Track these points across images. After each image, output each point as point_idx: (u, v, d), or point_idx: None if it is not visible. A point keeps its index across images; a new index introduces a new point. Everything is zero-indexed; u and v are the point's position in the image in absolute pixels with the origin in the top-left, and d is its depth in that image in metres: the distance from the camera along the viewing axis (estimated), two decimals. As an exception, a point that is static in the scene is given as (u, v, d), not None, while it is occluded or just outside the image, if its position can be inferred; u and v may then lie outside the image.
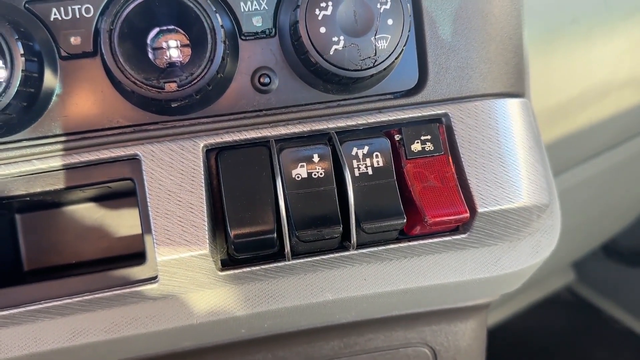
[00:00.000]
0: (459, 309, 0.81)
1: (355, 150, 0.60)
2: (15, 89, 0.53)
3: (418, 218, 0.60)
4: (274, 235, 0.58)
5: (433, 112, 0.63)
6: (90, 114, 0.59)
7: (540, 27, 1.09)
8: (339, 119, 0.62)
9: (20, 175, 0.59)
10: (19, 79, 0.53)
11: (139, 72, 0.55)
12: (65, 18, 0.58)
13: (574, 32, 1.12)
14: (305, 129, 0.61)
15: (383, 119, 0.63)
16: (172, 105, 0.58)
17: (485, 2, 0.64)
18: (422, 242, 0.63)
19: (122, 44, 0.55)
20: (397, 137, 0.62)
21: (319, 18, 0.56)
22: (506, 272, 0.67)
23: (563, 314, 2.41)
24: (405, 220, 0.59)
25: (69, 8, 0.58)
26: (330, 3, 0.56)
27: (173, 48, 0.57)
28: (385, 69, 0.58)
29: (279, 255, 0.62)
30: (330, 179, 0.59)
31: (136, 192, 0.60)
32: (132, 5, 0.55)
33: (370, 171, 0.60)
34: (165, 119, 0.60)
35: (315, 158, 0.59)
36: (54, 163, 0.59)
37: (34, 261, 0.70)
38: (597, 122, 1.31)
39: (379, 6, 0.57)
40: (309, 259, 0.62)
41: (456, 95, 0.64)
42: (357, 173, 0.60)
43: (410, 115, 0.63)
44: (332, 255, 0.62)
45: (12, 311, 0.59)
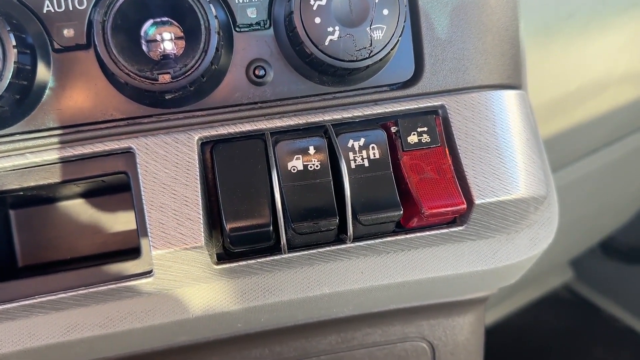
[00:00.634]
0: (457, 302, 0.80)
1: (351, 142, 0.60)
2: (8, 81, 0.53)
3: (415, 210, 0.60)
4: (270, 228, 0.58)
5: (429, 104, 0.63)
6: (84, 107, 0.59)
7: (536, 23, 1.09)
8: (334, 111, 0.62)
9: (13, 169, 0.59)
10: (12, 71, 0.53)
11: (133, 63, 0.55)
12: (58, 10, 0.57)
13: (570, 27, 1.12)
14: (300, 122, 0.61)
15: (379, 111, 0.62)
16: (166, 98, 0.57)
17: (481, -7, 0.64)
18: (419, 234, 0.63)
19: (116, 36, 0.55)
20: (393, 129, 0.62)
21: (314, 8, 0.56)
22: (504, 264, 0.67)
23: (561, 312, 2.41)
24: (401, 212, 0.59)
25: (62, 0, 0.57)
26: (325, -7, 0.56)
27: (167, 40, 0.57)
28: (381, 60, 0.58)
29: (275, 249, 0.61)
30: (326, 170, 0.58)
31: (130, 185, 0.59)
32: (126, -4, 0.54)
33: (366, 163, 0.60)
34: (159, 112, 0.60)
35: (311, 150, 0.59)
36: (47, 157, 0.58)
37: (28, 257, 0.70)
38: (594, 118, 1.31)
39: (374, -4, 0.57)
40: (306, 252, 0.61)
41: (452, 86, 0.63)
42: (353, 165, 0.60)
43: (407, 107, 0.62)
44: (328, 248, 0.62)
45: (5, 306, 0.59)
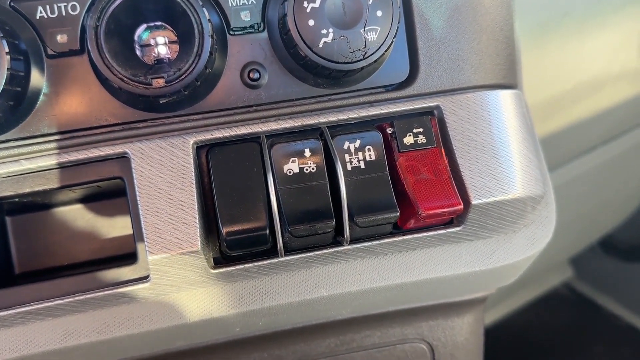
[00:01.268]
0: (456, 303, 0.80)
1: (347, 144, 0.60)
2: (1, 88, 0.53)
3: (412, 211, 0.59)
4: (267, 231, 0.57)
5: (425, 105, 0.63)
6: (79, 112, 0.58)
7: (532, 22, 1.09)
8: (330, 113, 0.62)
9: (8, 176, 0.59)
10: (5, 78, 0.53)
11: (126, 68, 0.55)
12: (51, 16, 0.57)
13: (566, 25, 1.12)
14: (296, 124, 0.61)
15: (375, 113, 0.62)
16: (161, 102, 0.57)
17: (476, -7, 0.64)
18: (416, 235, 0.63)
19: (109, 41, 0.55)
20: (389, 130, 0.62)
21: (307, 11, 0.56)
22: (502, 264, 0.67)
23: (561, 311, 2.41)
24: (398, 213, 0.58)
25: (55, 6, 0.57)
26: (318, -5, 0.56)
27: (161, 45, 0.57)
28: (375, 61, 0.58)
29: (272, 252, 0.61)
30: (322, 173, 0.58)
31: (126, 190, 0.59)
32: (119, 1, 0.54)
33: (362, 165, 0.60)
34: (154, 116, 0.59)
35: (307, 152, 0.59)
36: (42, 163, 0.58)
37: (25, 264, 0.69)
38: (591, 116, 1.30)
39: (367, -3, 0.56)
40: (303, 255, 0.61)
41: (448, 87, 0.63)
42: (349, 167, 0.59)
43: (402, 108, 0.62)
44: (325, 251, 0.62)
45: (1, 313, 0.59)
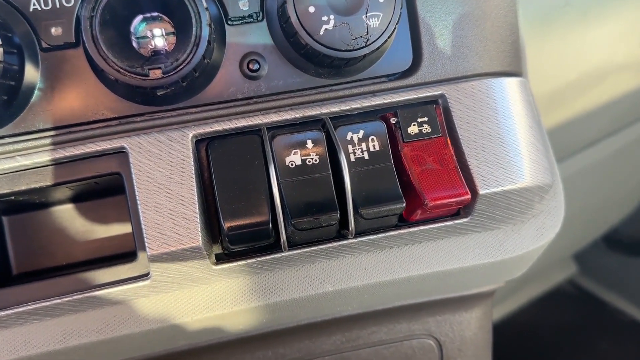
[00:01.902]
0: (463, 297, 0.78)
1: (350, 134, 0.58)
2: None
3: (418, 202, 0.58)
4: (269, 225, 0.56)
5: (429, 94, 0.61)
6: (75, 106, 0.57)
7: (532, 13, 1.07)
8: (332, 103, 0.60)
9: (3, 173, 0.57)
10: None
11: (122, 59, 0.53)
12: (45, 8, 0.56)
13: (568, 16, 1.11)
14: (297, 115, 0.59)
15: (378, 102, 0.61)
16: (158, 94, 0.56)
17: (479, -21, 0.62)
18: (422, 227, 0.61)
19: (104, 32, 0.53)
20: (393, 120, 0.60)
21: (308, -3, 0.54)
22: (511, 256, 0.65)
23: (566, 307, 2.39)
24: (404, 205, 0.57)
25: None
26: (318, -19, 0.54)
27: (158, 37, 0.55)
28: (378, 49, 0.56)
29: (275, 247, 0.60)
30: (325, 164, 0.57)
31: (124, 186, 0.58)
32: (114, -9, 0.53)
33: (366, 156, 0.58)
34: (151, 110, 0.58)
35: (309, 144, 0.57)
36: (38, 159, 0.57)
37: (22, 264, 0.68)
38: (594, 108, 1.29)
39: (369, -17, 0.55)
40: (307, 249, 0.60)
41: (452, 75, 0.62)
42: (353, 158, 0.58)
43: (406, 98, 0.61)
44: (330, 245, 0.60)
45: None
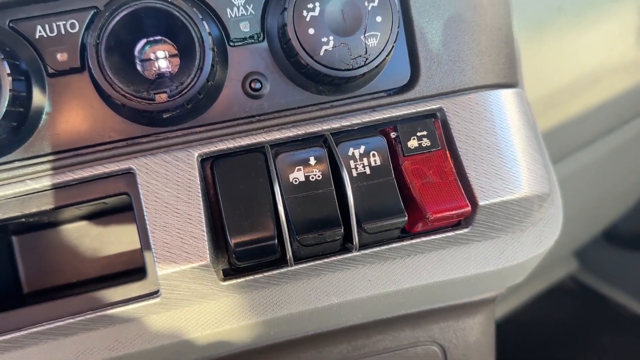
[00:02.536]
0: (466, 304, 0.80)
1: (351, 150, 0.60)
2: (4, 110, 0.53)
3: (419, 215, 0.59)
4: (275, 241, 0.57)
5: (427, 108, 0.63)
6: (82, 130, 0.58)
7: (526, 18, 1.09)
8: (333, 120, 0.62)
9: (14, 197, 0.59)
10: (7, 100, 0.53)
11: (128, 84, 0.54)
12: (50, 35, 0.57)
13: (562, 19, 1.12)
14: (299, 132, 0.61)
15: (378, 118, 0.62)
16: (164, 116, 0.57)
17: (474, -7, 0.64)
18: (424, 239, 0.63)
19: (110, 58, 0.54)
20: (393, 134, 0.62)
21: (307, 19, 0.56)
22: (511, 264, 0.67)
23: (568, 303, 2.40)
24: (406, 218, 0.58)
25: (54, 24, 0.57)
26: (317, 4, 0.56)
27: (161, 59, 0.56)
28: (377, 67, 0.58)
29: (281, 261, 0.61)
30: (328, 180, 0.58)
31: (133, 206, 0.59)
32: (118, 18, 0.54)
33: (368, 170, 0.59)
34: (157, 131, 0.59)
35: (312, 161, 0.58)
36: (47, 182, 0.58)
37: (33, 283, 0.69)
38: (591, 108, 1.30)
39: (366, 4, 0.56)
40: (312, 263, 0.61)
41: (449, 89, 0.63)
42: (355, 173, 0.59)
43: (405, 112, 0.62)
44: (334, 258, 0.61)
45: (14, 335, 0.58)
